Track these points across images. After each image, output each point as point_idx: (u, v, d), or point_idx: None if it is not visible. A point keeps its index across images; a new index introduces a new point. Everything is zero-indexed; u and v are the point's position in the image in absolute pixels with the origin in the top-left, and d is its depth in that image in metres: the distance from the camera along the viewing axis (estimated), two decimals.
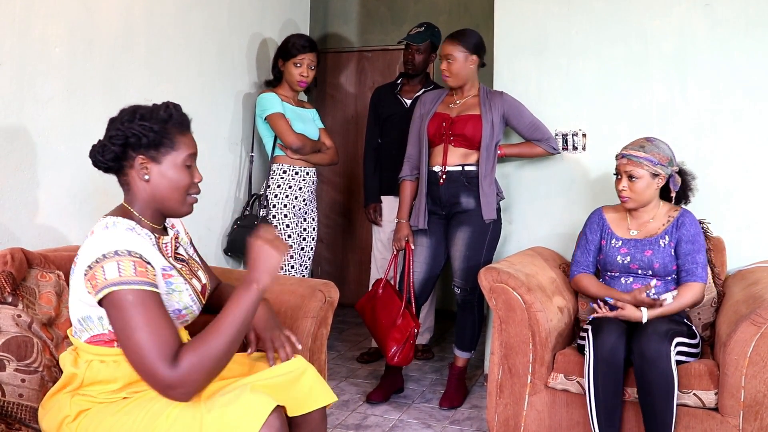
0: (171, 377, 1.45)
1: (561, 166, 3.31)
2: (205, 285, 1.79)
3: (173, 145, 1.63)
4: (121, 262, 1.50)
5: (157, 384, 1.47)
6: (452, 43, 3.09)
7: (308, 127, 3.39)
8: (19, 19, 2.19)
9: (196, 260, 1.85)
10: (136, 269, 1.50)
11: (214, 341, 1.48)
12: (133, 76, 2.71)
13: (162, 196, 1.65)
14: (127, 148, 1.61)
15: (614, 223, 2.67)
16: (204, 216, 3.22)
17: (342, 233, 5.27)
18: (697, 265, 2.49)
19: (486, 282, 2.55)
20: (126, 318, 1.47)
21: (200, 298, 1.73)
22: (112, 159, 1.63)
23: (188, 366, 1.46)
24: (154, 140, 1.61)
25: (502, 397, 2.53)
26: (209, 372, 1.49)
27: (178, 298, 1.64)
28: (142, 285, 1.49)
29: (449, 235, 3.19)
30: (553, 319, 2.51)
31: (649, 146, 2.54)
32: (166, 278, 1.61)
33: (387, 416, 3.06)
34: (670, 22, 3.09)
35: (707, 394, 2.24)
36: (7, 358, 1.68)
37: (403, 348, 3.09)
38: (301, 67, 3.33)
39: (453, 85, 3.15)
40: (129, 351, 1.49)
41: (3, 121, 2.17)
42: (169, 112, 1.65)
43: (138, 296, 1.48)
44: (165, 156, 1.63)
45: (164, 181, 1.63)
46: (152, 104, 1.67)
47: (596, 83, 3.23)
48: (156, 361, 1.45)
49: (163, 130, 1.62)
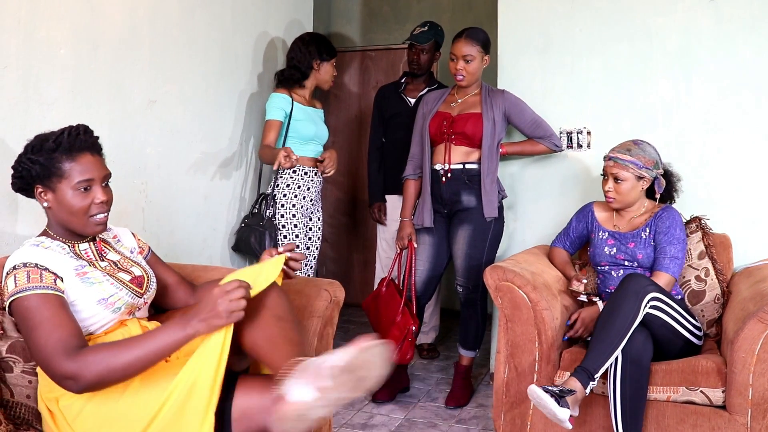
0: (66, 367, 1.53)
1: (566, 164, 3.31)
2: (140, 276, 1.87)
3: (62, 173, 1.71)
4: (17, 274, 1.63)
5: (54, 374, 1.55)
6: (470, 43, 3.07)
7: (319, 129, 3.39)
8: (24, 21, 2.20)
9: (133, 259, 1.93)
10: (30, 277, 1.62)
11: (120, 354, 1.55)
12: (138, 77, 2.72)
13: (64, 219, 1.75)
14: (25, 180, 1.74)
15: (602, 217, 2.82)
16: (209, 216, 3.22)
17: (346, 233, 5.28)
18: (665, 256, 2.57)
19: (491, 280, 2.55)
20: (25, 321, 1.59)
21: (130, 287, 1.81)
22: (18, 190, 1.77)
23: (84, 361, 1.53)
24: (41, 172, 1.71)
25: (509, 395, 2.53)
26: (102, 377, 1.55)
27: (100, 288, 1.73)
28: (36, 290, 1.61)
29: (451, 233, 3.19)
30: (559, 318, 2.51)
31: (636, 150, 2.62)
32: (80, 276, 1.71)
33: (393, 415, 3.06)
34: (674, 19, 3.08)
35: (714, 392, 2.23)
36: (14, 359, 1.70)
37: (401, 346, 3.10)
38: (334, 68, 3.46)
39: (466, 84, 3.14)
40: (32, 351, 1.61)
41: (9, 123, 2.17)
42: (58, 141, 1.71)
43: (33, 300, 1.60)
44: (57, 184, 1.71)
45: (62, 207, 1.73)
46: (59, 130, 1.75)
47: (601, 81, 3.23)
48: (52, 354, 1.54)
49: (48, 160, 1.70)
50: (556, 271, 2.82)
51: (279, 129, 3.24)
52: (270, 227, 3.17)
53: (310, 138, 3.32)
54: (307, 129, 3.29)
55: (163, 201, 2.88)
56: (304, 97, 3.37)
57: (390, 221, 3.93)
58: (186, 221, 3.06)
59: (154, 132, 2.82)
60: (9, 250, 2.11)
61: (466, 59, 3.07)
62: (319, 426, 2.17)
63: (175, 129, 2.95)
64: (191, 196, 3.09)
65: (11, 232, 2.20)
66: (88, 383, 1.54)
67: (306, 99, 3.38)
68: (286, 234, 3.22)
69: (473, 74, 3.11)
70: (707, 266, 2.78)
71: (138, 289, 1.85)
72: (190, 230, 3.09)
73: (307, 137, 3.30)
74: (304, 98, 3.36)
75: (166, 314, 2.03)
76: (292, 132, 3.26)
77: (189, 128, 3.05)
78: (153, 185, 2.80)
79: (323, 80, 3.42)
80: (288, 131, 3.26)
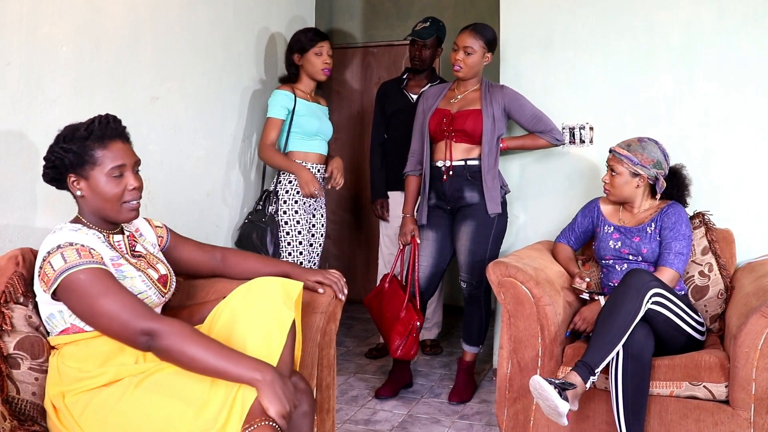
0: (145, 324, 1.58)
1: (568, 160, 3.31)
2: (165, 275, 1.88)
3: (95, 161, 1.74)
4: (65, 251, 1.63)
5: (132, 332, 1.59)
6: (474, 36, 3.07)
7: (323, 125, 3.36)
8: (26, 18, 2.20)
9: (157, 256, 1.94)
10: (80, 254, 1.63)
11: (194, 347, 1.57)
12: (140, 74, 2.72)
13: (97, 207, 1.77)
14: (58, 170, 1.75)
15: (608, 212, 2.82)
16: (211, 213, 3.23)
17: (349, 229, 5.28)
18: (670, 252, 2.57)
19: (494, 276, 2.55)
20: (86, 292, 1.60)
21: (158, 286, 1.83)
22: (51, 180, 1.78)
23: (166, 325, 1.58)
24: (74, 160, 1.73)
25: (512, 390, 2.53)
26: (169, 352, 1.59)
27: (131, 284, 1.74)
28: (90, 264, 1.62)
29: (454, 229, 3.19)
30: (561, 313, 2.51)
31: (635, 146, 2.63)
32: (115, 267, 1.73)
33: (396, 411, 3.07)
34: (677, 13, 3.08)
35: (717, 387, 2.23)
36: (21, 356, 1.70)
37: (406, 342, 3.10)
38: (322, 55, 3.28)
39: (462, 77, 3.13)
40: (99, 320, 1.61)
41: (11, 120, 2.18)
42: (90, 129, 1.74)
43: (89, 273, 1.61)
44: (90, 172, 1.74)
45: (96, 194, 1.75)
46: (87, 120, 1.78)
47: (603, 76, 3.22)
48: (131, 314, 1.59)
49: (82, 148, 1.73)
50: (559, 266, 2.82)
51: (281, 127, 3.23)
52: (272, 224, 3.16)
53: (314, 133, 3.30)
54: (311, 124, 3.27)
55: (166, 197, 2.88)
56: (308, 93, 3.35)
57: (392, 217, 3.93)
58: (189, 218, 3.06)
59: (156, 129, 2.82)
60: (24, 243, 2.14)
61: (467, 51, 3.06)
62: (322, 421, 2.17)
63: (177, 125, 2.95)
64: (194, 193, 3.09)
65: (30, 226, 2.22)
66: (160, 347, 1.59)
67: (309, 95, 3.36)
68: (288, 231, 3.20)
69: (471, 68, 3.09)
70: (710, 261, 2.78)
71: (163, 288, 1.86)
72: (192, 227, 3.08)
73: (310, 132, 3.28)
74: (307, 94, 3.34)
75: (173, 311, 2.03)
76: (295, 127, 3.24)
77: (191, 125, 3.05)
78: (156, 182, 2.80)
79: (313, 72, 3.30)
80: (291, 127, 3.24)
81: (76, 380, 1.66)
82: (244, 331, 1.68)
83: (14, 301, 1.73)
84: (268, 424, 1.50)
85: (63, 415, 1.64)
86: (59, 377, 1.68)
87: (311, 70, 3.30)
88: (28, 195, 2.23)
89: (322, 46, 3.29)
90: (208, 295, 2.14)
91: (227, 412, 1.53)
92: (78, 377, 1.66)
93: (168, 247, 2.05)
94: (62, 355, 1.70)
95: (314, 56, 3.28)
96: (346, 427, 2.88)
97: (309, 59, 3.29)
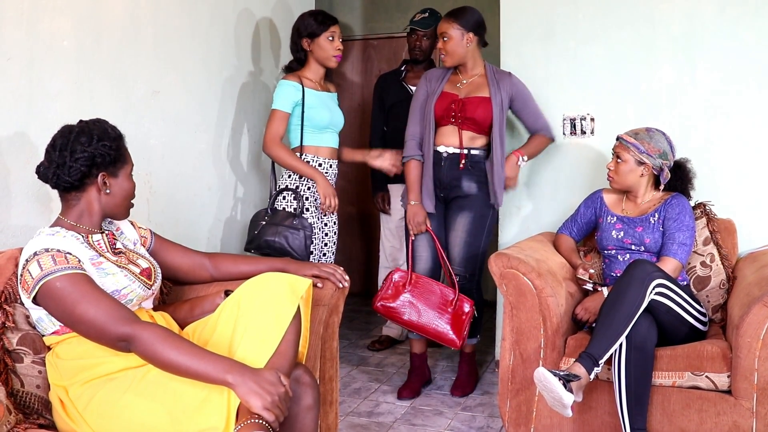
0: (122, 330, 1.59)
1: (568, 151, 3.30)
2: (148, 268, 1.91)
3: (125, 159, 1.85)
4: (41, 259, 1.65)
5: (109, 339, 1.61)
6: (448, 21, 3.03)
7: (334, 114, 3.13)
8: (27, 13, 2.19)
9: (137, 251, 1.96)
10: (55, 260, 1.65)
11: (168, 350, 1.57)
12: (141, 68, 2.71)
13: (116, 204, 1.85)
14: (92, 168, 1.77)
15: (611, 202, 2.84)
16: (213, 207, 3.22)
17: (349, 221, 5.28)
18: (674, 242, 2.58)
19: (496, 268, 2.55)
20: (62, 300, 1.62)
21: (141, 279, 1.85)
22: (79, 179, 1.77)
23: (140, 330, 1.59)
24: (114, 157, 1.80)
25: (514, 382, 2.53)
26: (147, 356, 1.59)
27: (114, 280, 1.76)
28: (66, 270, 1.64)
29: (448, 220, 3.11)
30: (563, 304, 2.51)
31: (643, 135, 2.64)
32: (96, 266, 1.74)
33: (399, 403, 3.08)
34: (678, 4, 3.07)
35: (720, 377, 2.23)
36: (24, 351, 1.71)
37: (466, 329, 2.95)
38: (335, 40, 3.04)
39: (449, 64, 3.08)
40: (79, 324, 1.63)
41: (13, 116, 2.18)
42: (116, 131, 1.83)
43: (65, 280, 1.62)
44: (120, 170, 1.84)
45: (121, 192, 1.84)
46: (81, 122, 1.82)
47: (604, 67, 3.22)
48: (107, 321, 1.60)
49: (118, 147, 1.82)
50: (561, 258, 2.81)
51: (287, 121, 3.01)
52: (306, 226, 2.91)
53: (325, 126, 3.09)
54: (321, 116, 3.05)
55: (168, 192, 2.88)
56: (317, 82, 3.11)
57: (393, 210, 3.93)
58: (190, 212, 3.06)
59: (157, 122, 2.82)
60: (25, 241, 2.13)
61: (443, 37, 3.03)
62: (325, 414, 2.18)
63: (178, 119, 2.95)
64: (195, 187, 3.09)
65: (31, 224, 2.23)
66: (137, 352, 1.60)
67: (319, 83, 3.12)
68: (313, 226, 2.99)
69: (452, 53, 3.03)
70: (712, 252, 2.78)
71: (147, 280, 1.87)
72: (194, 220, 3.09)
73: (321, 125, 3.07)
74: (315, 83, 3.10)
75: (174, 305, 2.03)
76: (306, 121, 3.03)
77: (192, 118, 3.05)
78: (157, 176, 2.81)
79: (324, 57, 3.05)
80: (303, 120, 3.03)
81: (76, 373, 1.67)
82: (244, 326, 1.69)
83: (14, 300, 1.75)
84: (254, 421, 1.49)
85: (68, 407, 1.66)
86: (59, 374, 1.69)
87: (322, 56, 3.05)
88: (29, 192, 2.23)
89: (334, 31, 3.04)
90: (209, 288, 2.14)
91: (226, 410, 1.54)
92: (77, 370, 1.67)
93: (153, 251, 2.05)
94: (57, 354, 1.71)
95: (326, 41, 3.03)
96: (349, 420, 2.89)
97: (320, 44, 3.03)
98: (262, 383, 1.51)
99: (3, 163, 2.15)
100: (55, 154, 1.76)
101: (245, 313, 1.70)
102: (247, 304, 1.72)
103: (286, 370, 1.65)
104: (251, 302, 1.72)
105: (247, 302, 1.72)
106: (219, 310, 1.78)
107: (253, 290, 1.75)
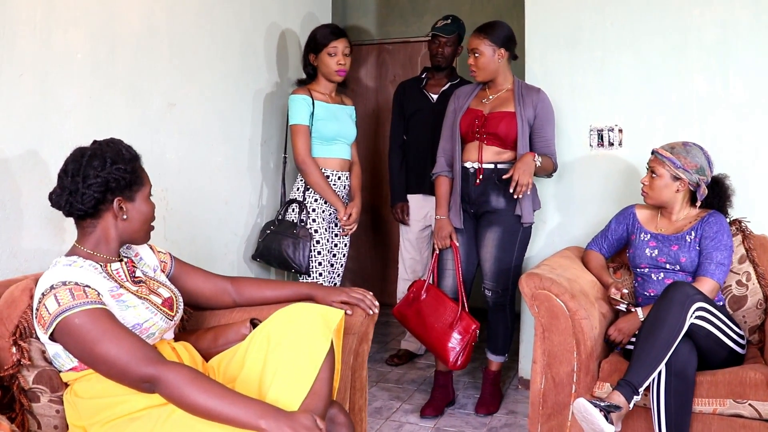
0: (145, 371, 1.49)
1: (596, 163, 3.20)
2: (170, 298, 1.81)
3: (142, 181, 1.75)
4: (58, 293, 1.55)
5: (132, 380, 1.51)
6: (479, 37, 2.96)
7: (343, 127, 3.17)
8: (39, 26, 2.10)
9: (158, 280, 1.86)
10: (74, 294, 1.55)
11: (195, 393, 1.48)
12: (157, 80, 2.62)
13: (134, 230, 1.75)
14: (107, 193, 1.68)
15: (644, 219, 2.72)
16: (230, 221, 3.13)
17: (366, 230, 5.18)
18: (711, 262, 2.48)
19: (528, 289, 2.46)
20: (82, 337, 1.51)
21: (163, 311, 1.76)
22: (93, 205, 1.67)
23: (165, 372, 1.49)
24: (130, 181, 1.71)
25: (546, 407, 2.44)
26: (172, 399, 1.50)
27: (135, 313, 1.66)
28: (84, 306, 1.54)
29: (479, 235, 3.08)
30: (597, 327, 2.42)
31: (679, 149, 2.54)
32: (115, 298, 1.65)
33: (422, 424, 2.98)
34: (711, 11, 2.96)
35: (764, 405, 2.13)
36: (41, 389, 1.63)
37: (464, 351, 2.94)
38: (336, 55, 3.09)
39: (480, 79, 3.03)
40: (98, 367, 1.54)
41: (26, 133, 2.08)
42: (131, 152, 1.74)
43: (84, 316, 1.52)
44: (137, 193, 1.74)
45: (139, 216, 1.75)
46: (94, 143, 1.73)
47: (633, 77, 3.11)
48: (130, 360, 1.50)
49: (134, 169, 1.72)
50: (592, 276, 2.72)
51: (308, 133, 3.06)
52: (305, 236, 3.02)
53: (332, 137, 3.12)
54: (328, 128, 3.10)
55: (184, 208, 2.79)
56: (327, 94, 3.18)
57: (413, 221, 3.84)
58: (207, 227, 2.97)
59: (174, 136, 2.73)
60: (38, 265, 2.05)
61: (474, 53, 2.96)
62: None
63: (195, 132, 2.86)
64: (212, 202, 3.00)
65: (44, 247, 2.12)
66: (163, 394, 1.51)
67: (329, 96, 3.18)
68: (318, 239, 3.08)
69: (483, 69, 2.97)
70: (748, 270, 2.68)
71: (169, 311, 1.78)
72: (211, 235, 3.00)
73: (328, 137, 3.11)
74: (326, 95, 3.17)
75: (196, 334, 1.94)
76: (314, 132, 3.08)
77: (209, 131, 2.96)
78: (174, 192, 2.71)
79: (327, 72, 3.12)
80: (311, 132, 3.09)
81: (96, 412, 1.58)
82: (275, 364, 1.60)
83: (29, 335, 1.66)
84: None
85: None
86: (77, 413, 1.60)
87: (325, 71, 3.13)
88: (41, 214, 2.13)
89: (336, 46, 3.08)
90: (232, 314, 2.05)
91: None
92: (97, 409, 1.58)
93: (173, 276, 1.96)
94: (75, 392, 1.63)
95: (327, 57, 3.10)
96: None
97: (323, 60, 3.11)
98: (297, 428, 1.42)
99: (15, 183, 2.06)
100: (67, 180, 1.67)
101: (276, 348, 1.61)
102: (278, 339, 1.62)
103: (321, 411, 1.56)
104: (282, 336, 1.62)
105: (278, 336, 1.63)
106: (246, 344, 1.69)
107: (283, 323, 1.65)
